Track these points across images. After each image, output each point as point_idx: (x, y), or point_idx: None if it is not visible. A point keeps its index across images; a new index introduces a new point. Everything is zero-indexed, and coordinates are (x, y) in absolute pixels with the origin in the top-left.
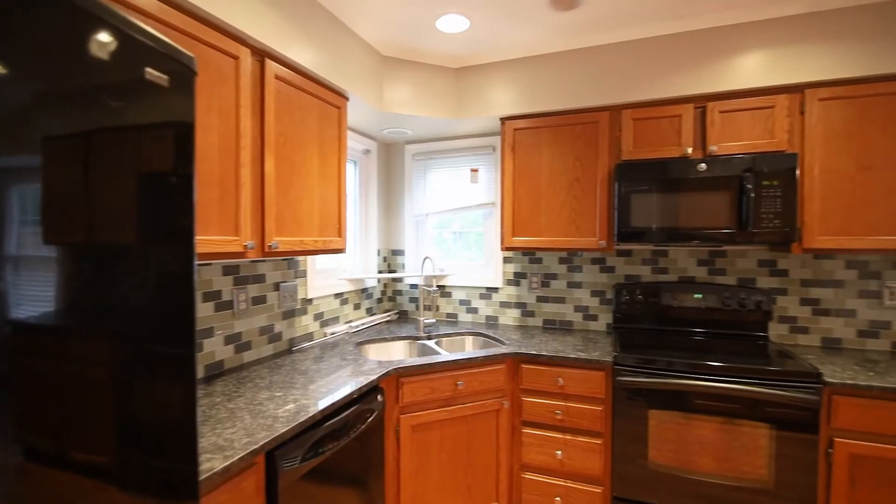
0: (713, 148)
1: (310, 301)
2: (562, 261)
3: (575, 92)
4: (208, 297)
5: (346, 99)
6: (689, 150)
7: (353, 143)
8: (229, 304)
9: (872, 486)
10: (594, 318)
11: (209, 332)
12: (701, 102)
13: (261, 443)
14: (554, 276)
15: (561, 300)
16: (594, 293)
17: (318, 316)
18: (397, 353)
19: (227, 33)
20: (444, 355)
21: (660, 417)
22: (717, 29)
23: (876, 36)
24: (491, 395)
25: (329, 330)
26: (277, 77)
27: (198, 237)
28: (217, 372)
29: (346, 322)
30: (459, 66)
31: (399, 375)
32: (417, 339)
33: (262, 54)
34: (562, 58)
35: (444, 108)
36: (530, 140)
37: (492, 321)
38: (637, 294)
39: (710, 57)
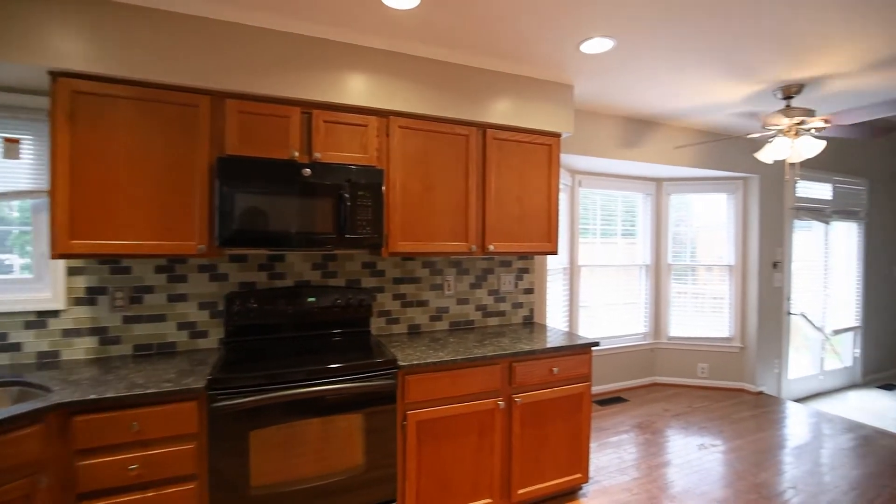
0: (318, 155)
1: None
2: (160, 269)
3: (170, 63)
4: None
5: None
6: (297, 154)
7: None
8: None
9: (431, 441)
10: (203, 334)
11: None
12: (307, 108)
13: None
14: (149, 290)
15: (160, 318)
16: (203, 305)
17: None
18: None
19: None
20: None
21: (262, 436)
22: (328, 42)
23: (438, 85)
24: (11, 476)
25: None
26: None
27: None
28: None
29: None
30: None
31: None
32: None
33: None
34: (153, 16)
35: None
36: (104, 111)
37: (48, 359)
38: (251, 302)
39: (318, 66)
